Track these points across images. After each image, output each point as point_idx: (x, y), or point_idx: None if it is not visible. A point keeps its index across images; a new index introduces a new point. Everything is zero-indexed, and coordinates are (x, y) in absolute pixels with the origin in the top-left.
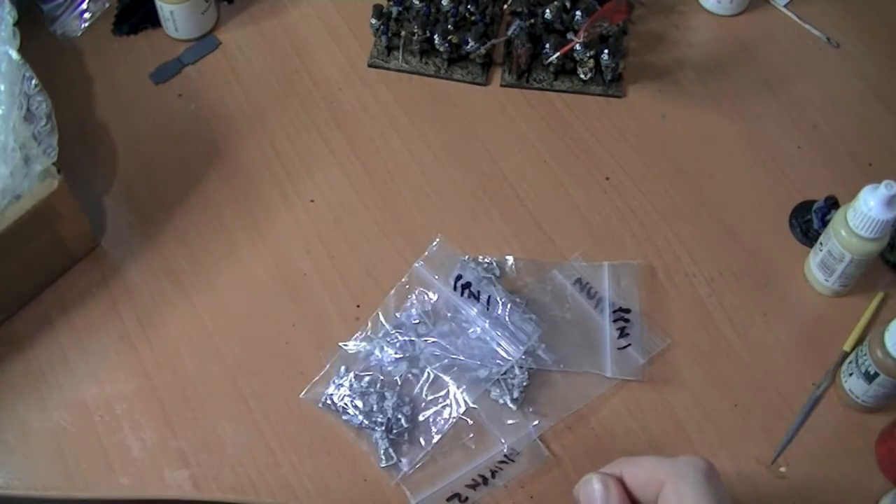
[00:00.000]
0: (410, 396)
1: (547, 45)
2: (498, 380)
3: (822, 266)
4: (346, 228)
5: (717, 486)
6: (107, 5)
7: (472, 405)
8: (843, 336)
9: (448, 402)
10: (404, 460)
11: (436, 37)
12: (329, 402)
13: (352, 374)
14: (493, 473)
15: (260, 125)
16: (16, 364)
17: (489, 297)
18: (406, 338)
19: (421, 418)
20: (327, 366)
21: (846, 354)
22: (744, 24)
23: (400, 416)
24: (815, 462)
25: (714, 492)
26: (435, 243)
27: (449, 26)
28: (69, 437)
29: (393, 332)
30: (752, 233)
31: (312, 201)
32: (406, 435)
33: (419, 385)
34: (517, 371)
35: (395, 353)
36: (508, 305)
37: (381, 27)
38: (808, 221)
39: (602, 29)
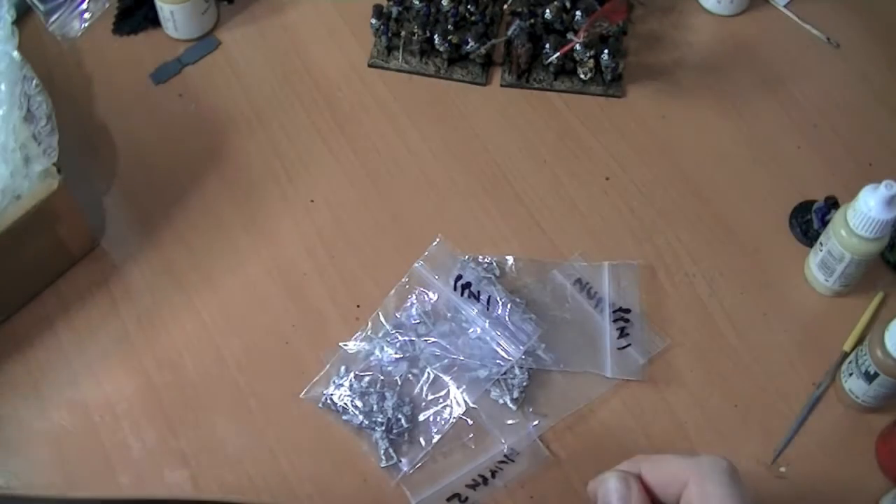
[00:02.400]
0: (410, 396)
1: (547, 45)
2: (498, 380)
3: (822, 266)
4: (346, 228)
5: (740, 485)
6: (107, 5)
7: (472, 405)
8: (843, 336)
9: (448, 402)
10: (404, 460)
11: (436, 37)
12: (329, 402)
13: (352, 374)
14: (493, 473)
15: (260, 125)
16: (16, 364)
17: (489, 297)
18: (406, 338)
19: (421, 418)
20: (327, 366)
21: (846, 354)
22: (744, 24)
23: (400, 416)
24: (815, 462)
25: (738, 491)
26: (435, 243)
27: (449, 26)
28: (69, 437)
29: (393, 332)
30: (752, 233)
31: (312, 201)
32: (406, 435)
33: (419, 385)
34: (517, 371)
35: (395, 353)
36: (508, 305)
37: (381, 27)
38: (808, 221)
39: (602, 29)
